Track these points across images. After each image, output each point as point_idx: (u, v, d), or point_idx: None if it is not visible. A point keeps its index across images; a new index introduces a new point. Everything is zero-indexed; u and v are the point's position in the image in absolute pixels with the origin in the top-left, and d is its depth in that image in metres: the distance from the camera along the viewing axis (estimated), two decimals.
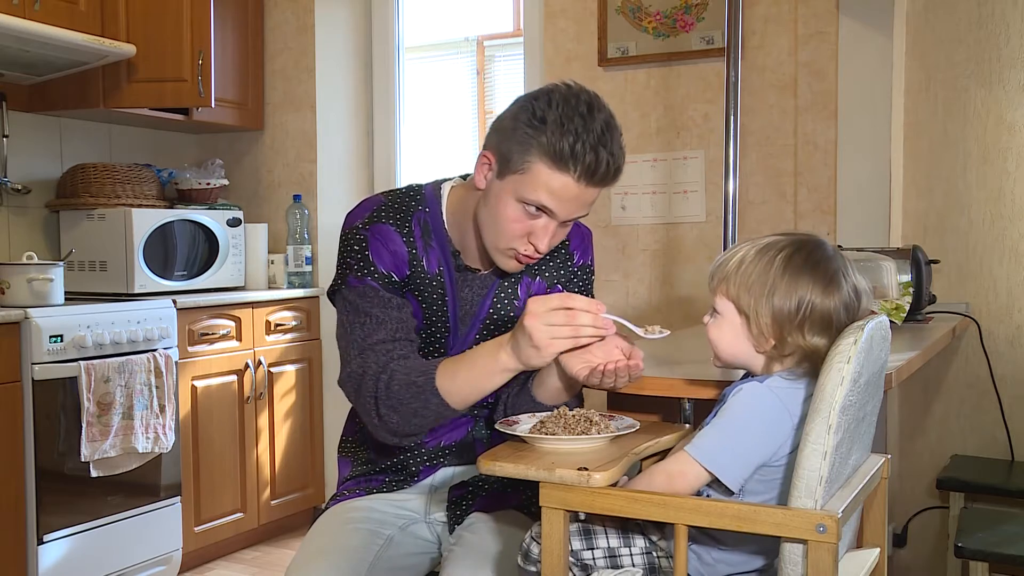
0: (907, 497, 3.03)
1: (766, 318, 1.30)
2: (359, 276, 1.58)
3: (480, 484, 1.70)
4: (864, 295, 1.34)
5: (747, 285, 1.31)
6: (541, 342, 1.36)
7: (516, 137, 1.47)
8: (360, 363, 1.53)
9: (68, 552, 2.88)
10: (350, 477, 1.78)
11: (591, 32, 3.61)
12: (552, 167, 1.44)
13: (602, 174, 1.45)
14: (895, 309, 2.41)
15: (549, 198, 1.46)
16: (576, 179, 1.45)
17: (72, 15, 3.21)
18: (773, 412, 1.30)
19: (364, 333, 1.54)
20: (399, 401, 1.48)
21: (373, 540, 1.61)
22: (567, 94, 1.47)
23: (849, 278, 1.33)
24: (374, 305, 1.56)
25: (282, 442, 3.71)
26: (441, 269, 1.62)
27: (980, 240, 2.93)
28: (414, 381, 1.47)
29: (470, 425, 1.71)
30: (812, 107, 3.27)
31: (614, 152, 1.46)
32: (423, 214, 1.63)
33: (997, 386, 2.87)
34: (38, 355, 2.80)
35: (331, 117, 4.04)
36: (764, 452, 1.30)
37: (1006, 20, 2.86)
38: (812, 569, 1.19)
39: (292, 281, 3.84)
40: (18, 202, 3.44)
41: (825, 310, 1.29)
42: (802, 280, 1.29)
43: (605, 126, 1.45)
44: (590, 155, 1.43)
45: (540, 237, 1.50)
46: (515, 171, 1.47)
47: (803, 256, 1.31)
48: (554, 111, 1.44)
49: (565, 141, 1.42)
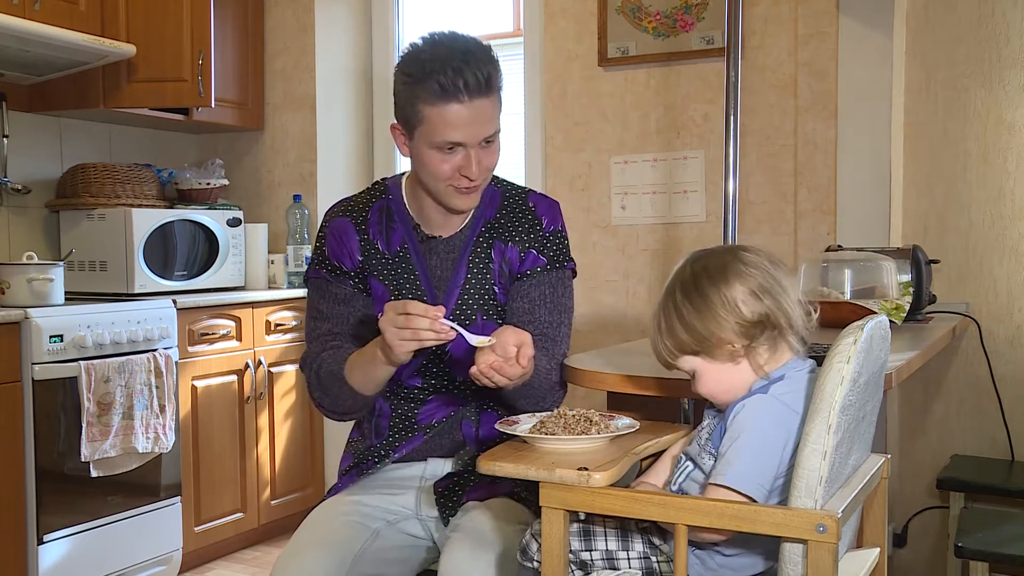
0: (907, 497, 3.03)
1: (712, 338, 1.34)
2: (316, 268, 1.79)
3: (468, 477, 1.72)
4: (765, 255, 1.38)
5: (674, 334, 1.36)
6: (392, 342, 1.51)
7: (403, 100, 1.64)
8: (307, 351, 1.78)
9: (68, 552, 2.88)
10: (346, 470, 1.82)
11: (591, 32, 3.60)
12: (437, 105, 1.59)
13: (475, 86, 1.58)
14: (895, 309, 2.41)
15: (450, 131, 1.61)
16: (459, 102, 1.58)
17: (72, 15, 3.21)
18: (785, 418, 1.31)
19: (312, 326, 1.78)
20: (326, 387, 1.70)
21: (360, 533, 1.66)
22: (423, 45, 1.63)
23: (737, 258, 1.36)
24: (322, 300, 1.77)
25: (282, 442, 3.71)
26: (406, 245, 1.77)
27: (980, 240, 2.93)
28: (332, 371, 1.69)
29: (460, 405, 1.77)
30: (812, 107, 3.27)
31: (480, 63, 1.59)
32: (384, 201, 1.80)
33: (997, 386, 2.87)
34: (38, 355, 2.80)
35: (331, 117, 4.04)
36: (785, 460, 1.30)
37: (1006, 20, 2.86)
38: (812, 569, 1.19)
39: (292, 281, 3.84)
40: (18, 202, 3.44)
41: (739, 292, 1.33)
42: (700, 292, 1.34)
43: (464, 47, 1.61)
44: (456, 77, 1.57)
45: (467, 167, 1.64)
46: (416, 126, 1.64)
47: (688, 277, 1.37)
48: (416, 63, 1.61)
49: (433, 79, 1.58)
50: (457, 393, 1.77)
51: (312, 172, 3.99)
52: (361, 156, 4.21)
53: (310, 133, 3.98)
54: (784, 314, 1.34)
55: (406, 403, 1.77)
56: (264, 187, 4.08)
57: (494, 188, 1.81)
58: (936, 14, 3.01)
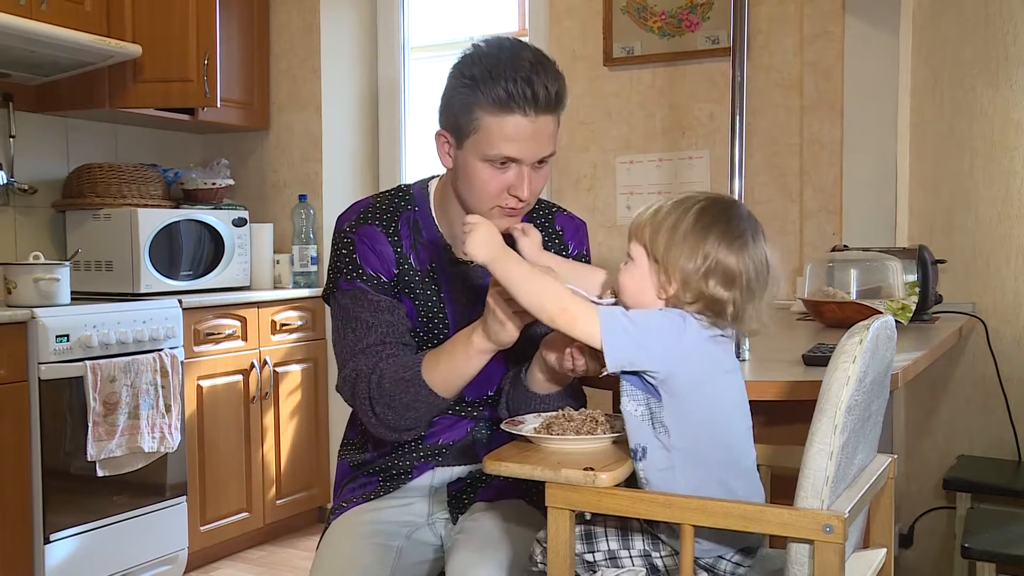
0: (914, 497, 3.02)
1: (674, 263, 1.31)
2: (349, 279, 1.62)
3: (478, 478, 1.71)
4: (772, 267, 1.35)
5: (660, 231, 1.33)
6: (504, 315, 1.39)
7: (457, 105, 1.51)
8: (353, 367, 1.58)
9: (74, 551, 2.88)
10: (347, 483, 1.78)
11: (596, 32, 3.60)
12: (498, 114, 1.47)
13: (544, 100, 1.48)
14: (901, 309, 2.41)
15: (508, 145, 1.49)
16: (524, 115, 1.47)
17: (78, 15, 3.21)
18: (678, 321, 1.30)
19: (355, 338, 1.59)
20: (391, 397, 1.53)
21: (386, 554, 1.62)
22: (487, 48, 1.51)
23: (759, 243, 1.34)
24: (364, 309, 1.60)
25: (287, 442, 3.71)
26: (433, 265, 1.65)
27: (987, 239, 2.92)
28: (402, 376, 1.52)
29: (470, 425, 1.71)
30: (818, 106, 3.27)
31: (549, 76, 1.49)
32: (412, 213, 1.67)
33: (1004, 386, 2.86)
34: (44, 355, 2.80)
35: (336, 117, 4.05)
36: (655, 355, 1.28)
37: (1013, 19, 2.85)
38: (819, 569, 1.19)
39: (297, 281, 3.85)
40: (25, 202, 3.45)
41: (730, 265, 1.30)
42: (712, 232, 1.31)
43: (532, 58, 1.50)
44: (526, 87, 1.46)
45: (518, 186, 1.52)
46: (469, 135, 1.51)
47: (715, 211, 1.33)
48: (480, 66, 1.48)
49: (499, 86, 1.46)
50: (464, 415, 1.71)
51: (317, 172, 3.99)
52: (366, 156, 4.21)
53: (315, 133, 3.99)
54: (735, 311, 1.30)
55: None
56: (269, 187, 4.09)
57: None
58: (942, 13, 3.00)
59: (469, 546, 1.55)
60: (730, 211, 1.35)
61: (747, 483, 1.34)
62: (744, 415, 1.35)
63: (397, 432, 1.58)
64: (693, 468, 1.30)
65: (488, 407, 1.71)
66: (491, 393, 1.70)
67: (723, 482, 1.31)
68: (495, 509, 1.65)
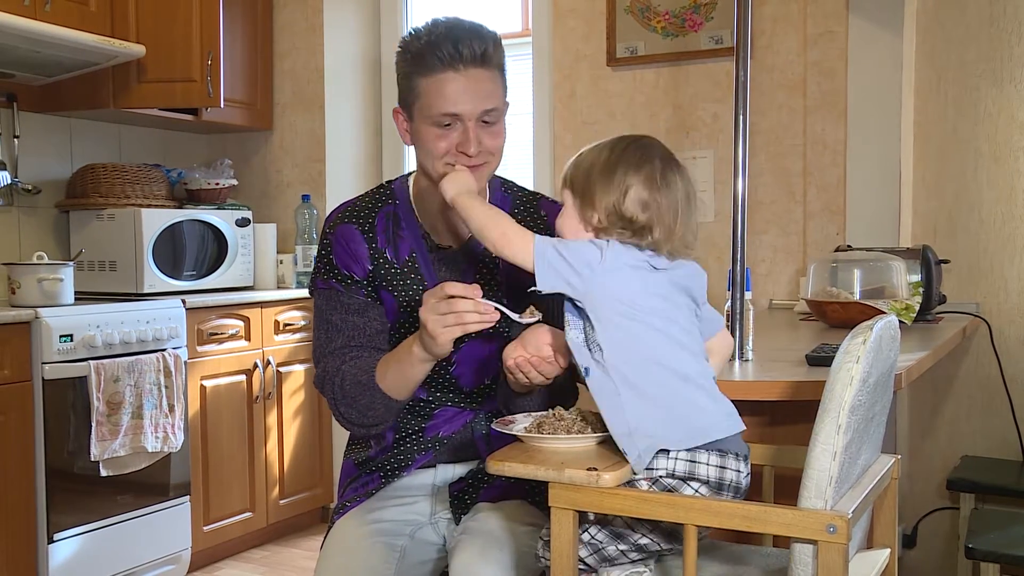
0: (917, 498, 3.02)
1: (593, 196, 1.41)
2: (324, 279, 1.70)
3: (481, 478, 1.71)
4: (689, 191, 1.43)
5: (579, 171, 1.44)
6: (434, 331, 1.44)
7: (402, 80, 1.61)
8: (323, 367, 1.67)
9: (78, 551, 2.89)
10: (351, 482, 1.79)
11: (600, 32, 3.60)
12: (429, 75, 1.56)
13: (470, 55, 1.55)
14: (905, 309, 2.40)
15: (443, 102, 1.55)
16: (454, 70, 1.55)
17: (82, 16, 3.22)
18: (601, 245, 1.39)
19: (326, 339, 1.68)
20: (353, 399, 1.61)
21: (390, 554, 1.63)
22: (423, 28, 1.61)
23: (671, 168, 1.42)
24: (335, 311, 1.68)
25: (290, 442, 3.72)
26: (414, 254, 1.70)
27: (991, 240, 2.92)
28: (360, 380, 1.60)
29: (470, 417, 1.73)
30: (821, 107, 3.26)
31: (475, 36, 1.56)
32: (391, 207, 1.73)
33: (1008, 387, 2.86)
34: (48, 354, 2.81)
35: (340, 117, 4.05)
36: (580, 276, 1.37)
37: (1018, 18, 2.85)
38: (822, 570, 1.19)
39: (301, 281, 3.85)
40: (28, 202, 3.46)
41: (642, 189, 1.39)
42: (622, 163, 1.41)
43: (460, 25, 1.58)
44: (451, 47, 1.54)
45: (464, 142, 1.57)
46: (413, 102, 1.59)
47: (625, 144, 1.44)
48: (416, 43, 1.58)
49: (425, 51, 1.56)
50: (464, 406, 1.73)
51: (321, 172, 4.00)
52: (370, 156, 4.21)
53: (319, 133, 3.99)
54: (659, 233, 1.38)
55: (412, 418, 1.73)
56: (273, 187, 4.09)
57: (504, 193, 1.78)
58: (946, 13, 3.00)
59: (472, 546, 1.55)
60: (639, 143, 1.45)
61: (706, 395, 1.37)
62: (670, 337, 1.38)
63: (364, 428, 1.65)
64: (632, 388, 1.34)
65: (487, 398, 1.72)
66: (488, 382, 1.71)
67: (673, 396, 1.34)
68: (498, 509, 1.65)
